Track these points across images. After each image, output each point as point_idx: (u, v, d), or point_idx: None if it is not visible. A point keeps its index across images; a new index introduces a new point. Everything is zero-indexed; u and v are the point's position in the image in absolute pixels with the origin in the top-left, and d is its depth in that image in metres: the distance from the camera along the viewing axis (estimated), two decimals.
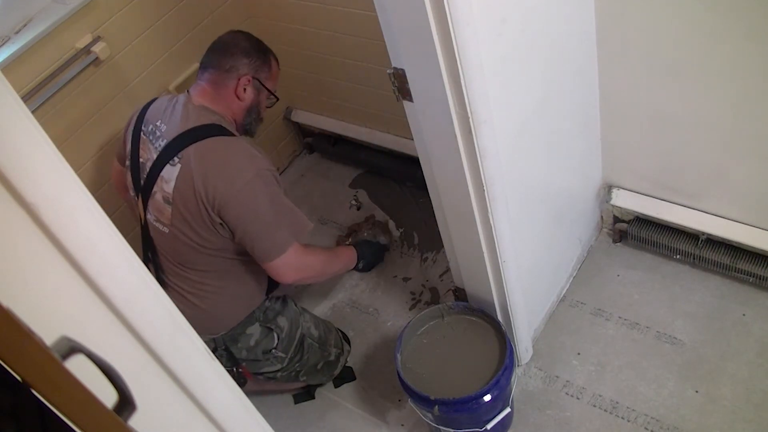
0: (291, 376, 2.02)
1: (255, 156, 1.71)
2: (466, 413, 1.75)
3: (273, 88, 1.90)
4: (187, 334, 0.85)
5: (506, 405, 1.83)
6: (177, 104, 1.79)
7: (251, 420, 1.00)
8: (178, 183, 1.69)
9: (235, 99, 1.80)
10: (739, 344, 1.97)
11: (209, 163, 1.67)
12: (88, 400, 0.58)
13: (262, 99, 1.87)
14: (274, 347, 1.91)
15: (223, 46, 1.83)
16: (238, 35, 1.85)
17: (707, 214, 2.02)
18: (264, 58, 1.84)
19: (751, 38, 1.56)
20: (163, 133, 1.76)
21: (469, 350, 1.83)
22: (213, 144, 1.70)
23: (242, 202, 1.66)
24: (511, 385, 1.83)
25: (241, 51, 1.80)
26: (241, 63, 1.79)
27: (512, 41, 1.48)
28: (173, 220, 1.73)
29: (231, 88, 1.79)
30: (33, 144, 0.61)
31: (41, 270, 0.64)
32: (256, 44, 1.85)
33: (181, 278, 1.80)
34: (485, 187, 1.53)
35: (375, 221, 2.58)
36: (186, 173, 1.68)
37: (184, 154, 1.69)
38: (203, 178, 1.66)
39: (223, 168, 1.66)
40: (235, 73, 1.79)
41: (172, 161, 1.71)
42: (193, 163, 1.68)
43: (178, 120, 1.75)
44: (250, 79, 1.80)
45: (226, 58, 1.80)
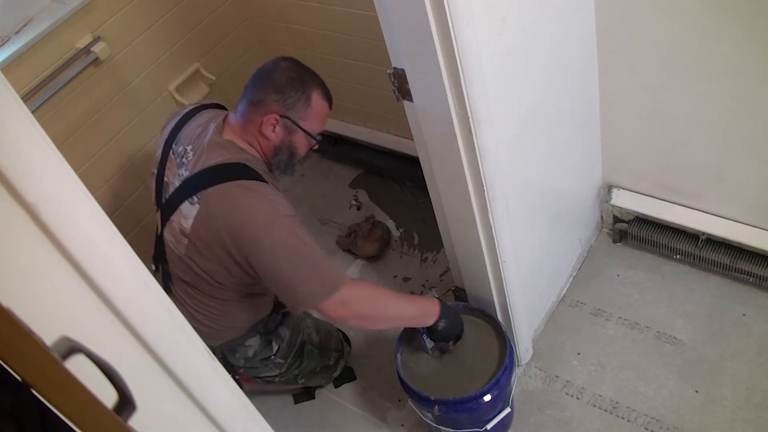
0: (289, 379, 2.02)
1: (278, 203, 1.58)
2: (466, 413, 1.75)
3: (313, 128, 1.71)
4: (187, 334, 0.85)
5: (506, 405, 1.83)
6: (208, 133, 1.68)
7: (251, 420, 1.00)
8: (197, 223, 1.60)
9: (261, 137, 1.66)
10: (739, 344, 1.97)
11: (230, 211, 1.55)
12: (88, 400, 0.58)
13: (296, 140, 1.70)
14: (273, 354, 1.90)
15: (259, 75, 1.68)
16: (278, 64, 1.68)
17: (707, 214, 2.02)
18: (301, 96, 1.65)
19: (751, 38, 1.56)
20: (188, 162, 1.66)
21: (469, 350, 1.82)
22: (234, 189, 1.58)
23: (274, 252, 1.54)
24: (511, 385, 1.83)
25: (274, 85, 1.64)
26: (271, 99, 1.64)
27: (512, 41, 1.48)
28: (189, 252, 1.65)
29: (257, 125, 1.65)
30: (33, 144, 0.61)
31: (41, 270, 0.64)
32: (296, 78, 1.66)
33: (188, 295, 1.74)
34: (485, 187, 1.53)
35: (375, 221, 2.58)
36: (205, 216, 1.59)
37: (204, 195, 1.59)
38: (227, 226, 1.55)
39: (245, 218, 1.55)
40: (262, 109, 1.64)
41: (191, 199, 1.61)
42: (212, 208, 1.58)
43: (204, 153, 1.65)
44: (278, 118, 1.64)
45: (257, 90, 1.66)
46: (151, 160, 1.88)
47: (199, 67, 2.44)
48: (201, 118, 1.76)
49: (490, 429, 1.80)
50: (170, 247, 1.70)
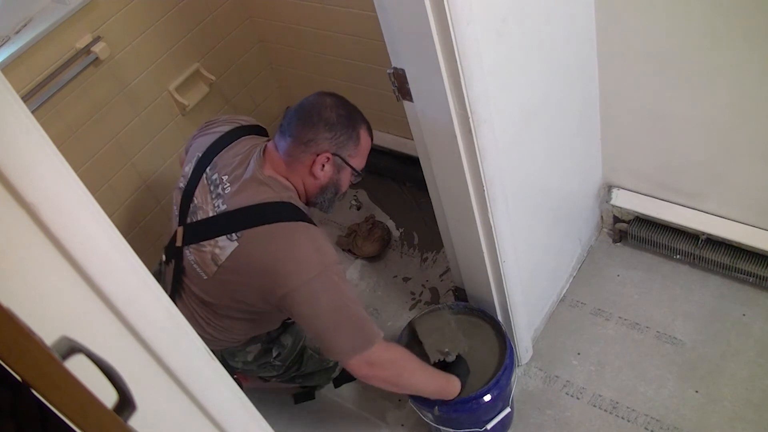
0: (287, 380, 2.02)
1: (322, 249, 1.53)
2: (465, 413, 1.75)
3: (359, 165, 1.67)
4: (187, 334, 0.85)
5: (506, 405, 1.83)
6: (249, 168, 1.62)
7: (251, 420, 1.00)
8: (233, 259, 1.56)
9: (309, 176, 1.61)
10: (739, 344, 1.97)
11: (273, 254, 1.51)
12: (88, 400, 0.58)
13: (343, 177, 1.66)
14: (272, 358, 1.89)
15: (306, 113, 1.60)
16: (325, 100, 1.62)
17: (707, 214, 2.02)
18: (351, 133, 1.62)
19: (751, 38, 1.56)
20: (226, 194, 1.61)
21: (470, 351, 1.82)
22: (278, 232, 1.53)
23: (306, 303, 1.51)
24: (511, 385, 1.83)
25: (325, 123, 1.58)
26: (323, 137, 1.58)
27: (512, 41, 1.48)
28: (216, 277, 1.61)
29: (307, 164, 1.59)
30: (33, 144, 0.61)
31: (41, 270, 0.64)
32: (345, 115, 1.62)
33: (199, 306, 1.71)
34: (485, 187, 1.53)
35: (375, 221, 2.58)
36: (244, 254, 1.55)
37: (245, 235, 1.54)
38: (264, 268, 1.52)
39: (287, 262, 1.50)
40: (314, 149, 1.58)
41: (230, 236, 1.56)
42: (254, 249, 1.54)
43: (245, 188, 1.59)
44: (329, 156, 1.60)
45: (306, 129, 1.58)
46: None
47: (199, 67, 2.43)
48: (240, 146, 1.70)
49: (490, 429, 1.81)
50: (192, 266, 1.66)
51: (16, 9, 1.95)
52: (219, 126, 1.79)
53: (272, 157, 1.63)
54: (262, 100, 2.78)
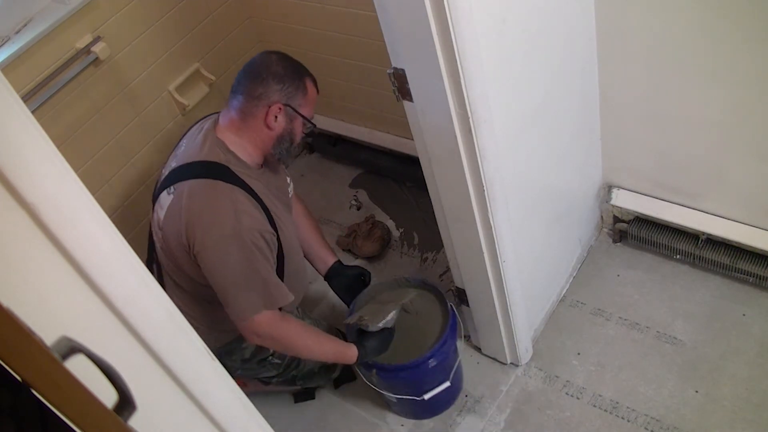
0: (287, 381, 2.02)
1: (243, 212, 1.61)
2: (401, 381, 1.87)
3: (309, 114, 1.75)
4: (187, 334, 0.85)
5: (446, 379, 1.90)
6: (202, 131, 1.73)
7: (251, 420, 1.00)
8: (167, 215, 1.66)
9: (264, 128, 1.69)
10: (739, 344, 1.97)
11: (194, 205, 1.61)
12: (88, 400, 0.58)
13: (295, 126, 1.73)
14: (270, 354, 1.90)
15: (254, 70, 1.69)
16: (270, 57, 1.71)
17: (707, 214, 2.02)
18: (298, 83, 1.70)
19: (751, 38, 1.56)
20: (178, 155, 1.73)
21: (420, 322, 1.91)
22: (205, 186, 1.63)
23: (212, 256, 1.60)
24: (453, 361, 1.92)
25: (273, 76, 1.67)
26: (273, 89, 1.66)
27: (512, 41, 1.48)
28: (163, 244, 1.72)
29: (260, 118, 1.67)
30: (33, 144, 0.61)
31: (41, 270, 0.64)
32: (290, 67, 1.70)
33: (176, 295, 1.77)
34: (485, 187, 1.53)
35: (375, 221, 2.58)
36: (175, 208, 1.64)
37: (178, 188, 1.65)
38: (186, 219, 1.61)
39: (204, 215, 1.60)
40: (265, 101, 1.66)
41: (169, 190, 1.67)
42: (181, 200, 1.63)
43: (192, 148, 1.70)
44: (281, 107, 1.68)
45: (256, 84, 1.67)
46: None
47: (199, 67, 2.44)
48: (204, 122, 1.80)
49: (428, 399, 1.90)
50: (155, 241, 1.76)
51: (16, 9, 1.95)
52: None
53: (225, 120, 1.72)
54: None
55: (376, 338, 1.83)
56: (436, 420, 2.04)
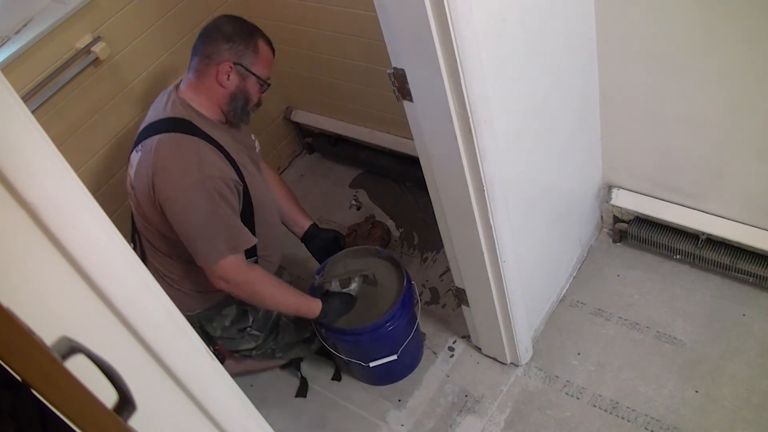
0: (267, 353, 2.07)
1: (205, 162, 1.68)
2: (345, 344, 1.98)
3: (262, 73, 1.81)
4: (187, 334, 0.85)
5: (393, 353, 1.99)
6: (166, 94, 1.81)
7: (251, 420, 1.00)
8: (137, 171, 1.74)
9: (217, 86, 1.76)
10: (739, 344, 1.97)
11: (159, 158, 1.68)
12: (88, 400, 0.58)
13: (249, 85, 1.79)
14: (249, 325, 1.97)
15: (206, 32, 1.78)
16: (222, 19, 1.79)
17: (707, 214, 2.02)
18: (248, 42, 1.76)
19: (751, 38, 1.56)
20: (146, 118, 1.81)
21: (382, 294, 2.00)
22: (169, 139, 1.70)
23: (177, 204, 1.66)
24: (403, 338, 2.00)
25: (223, 36, 1.74)
26: (222, 49, 1.74)
27: (512, 41, 1.48)
28: (136, 205, 1.79)
29: (212, 76, 1.75)
30: (33, 144, 0.61)
31: (41, 270, 0.64)
32: (240, 27, 1.77)
33: (156, 259, 1.86)
34: (485, 187, 1.53)
35: (375, 221, 2.58)
36: (142, 163, 1.71)
37: (146, 144, 1.72)
38: (152, 171, 1.68)
39: (168, 166, 1.67)
40: (216, 60, 1.74)
41: (137, 149, 1.75)
42: (148, 155, 1.70)
43: (157, 110, 1.79)
44: (231, 65, 1.74)
45: (207, 45, 1.75)
46: None
47: None
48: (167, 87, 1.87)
49: (372, 367, 2.01)
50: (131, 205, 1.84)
51: (16, 9, 1.95)
52: None
53: (185, 82, 1.80)
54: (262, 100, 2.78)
55: (338, 299, 1.94)
56: (436, 420, 2.04)
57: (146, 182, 1.69)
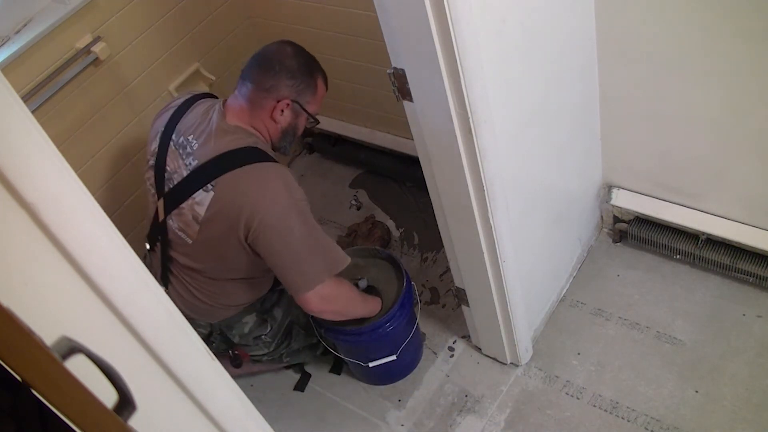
0: (275, 359, 2.10)
1: (291, 185, 1.65)
2: (347, 345, 1.98)
3: (315, 111, 1.78)
4: (187, 334, 0.85)
5: (393, 353, 2.00)
6: (212, 121, 1.71)
7: (251, 420, 1.00)
8: (211, 209, 1.65)
9: (270, 120, 1.71)
10: (739, 344, 1.97)
11: (246, 195, 1.61)
12: (88, 400, 0.58)
13: (300, 122, 1.77)
14: (264, 334, 1.98)
15: (267, 61, 1.69)
16: (285, 49, 1.71)
17: (707, 214, 2.02)
18: (309, 81, 1.72)
19: (751, 38, 1.56)
20: (194, 151, 1.69)
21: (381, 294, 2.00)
22: (249, 173, 1.63)
23: (277, 236, 1.61)
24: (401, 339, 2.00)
25: (286, 71, 1.68)
26: (283, 84, 1.68)
27: (512, 41, 1.48)
28: (201, 237, 1.70)
29: (268, 110, 1.69)
30: (33, 144, 0.61)
31: (41, 270, 0.64)
32: (304, 63, 1.72)
33: (190, 276, 1.81)
34: (485, 187, 1.53)
35: (375, 221, 2.58)
36: (220, 201, 1.64)
37: (219, 182, 1.63)
38: (239, 210, 1.60)
39: (260, 198, 1.60)
40: (274, 95, 1.68)
41: (206, 188, 1.65)
42: (228, 192, 1.62)
43: (212, 140, 1.68)
44: (289, 103, 1.70)
45: (268, 76, 1.67)
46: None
47: (198, 67, 2.43)
48: (198, 108, 1.79)
49: (372, 367, 2.02)
50: (176, 234, 1.75)
51: (16, 9, 1.95)
52: (174, 101, 1.88)
53: (233, 106, 1.72)
54: None
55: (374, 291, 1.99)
56: (436, 420, 2.04)
57: (234, 221, 1.61)
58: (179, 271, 1.82)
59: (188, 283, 1.81)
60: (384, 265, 2.09)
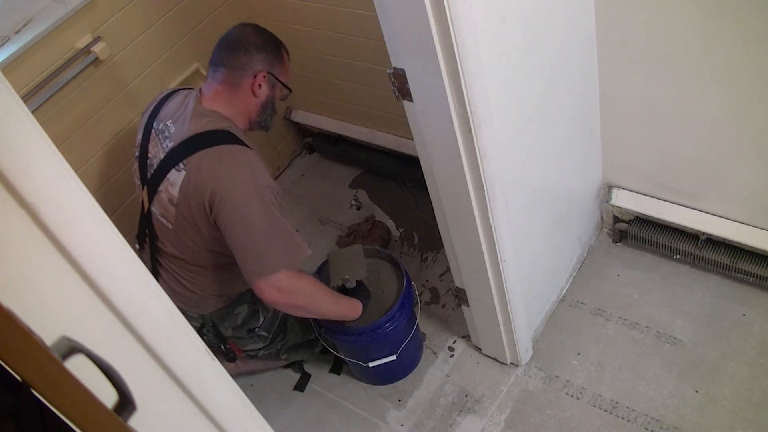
0: (272, 354, 2.08)
1: (258, 171, 1.68)
2: (347, 345, 1.98)
3: (286, 81, 1.85)
4: (187, 334, 0.85)
5: (393, 353, 2.00)
6: (188, 106, 1.77)
7: (251, 420, 1.00)
8: (183, 188, 1.69)
9: (251, 97, 1.77)
10: (739, 344, 1.97)
11: (212, 173, 1.65)
12: (88, 400, 0.58)
13: (276, 93, 1.84)
14: (258, 326, 1.97)
15: (234, 42, 1.77)
16: (247, 29, 1.80)
17: (707, 214, 2.02)
18: (276, 52, 1.80)
19: (750, 38, 1.56)
20: (171, 134, 1.75)
21: (381, 295, 2.00)
22: (218, 153, 1.68)
23: (237, 217, 1.64)
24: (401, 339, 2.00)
25: (255, 47, 1.75)
26: (256, 60, 1.75)
27: (512, 41, 1.48)
28: (177, 219, 1.74)
29: (247, 87, 1.76)
30: (33, 144, 0.61)
31: (41, 270, 0.64)
32: (268, 38, 1.80)
33: (178, 265, 1.84)
34: (485, 187, 1.53)
35: (375, 221, 2.58)
36: (190, 180, 1.68)
37: (189, 161, 1.68)
38: (207, 186, 1.64)
39: (224, 178, 1.64)
40: (250, 71, 1.75)
41: (178, 167, 1.70)
42: (197, 171, 1.67)
43: (187, 123, 1.73)
44: (265, 75, 1.77)
45: (239, 55, 1.75)
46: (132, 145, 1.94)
47: (199, 67, 2.44)
48: (177, 97, 1.86)
49: (372, 367, 2.02)
50: (159, 221, 1.79)
51: (16, 9, 1.95)
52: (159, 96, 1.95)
53: (208, 92, 1.78)
54: None
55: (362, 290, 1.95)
56: (436, 420, 2.04)
57: (200, 198, 1.65)
58: (168, 263, 1.85)
59: (177, 273, 1.84)
60: (384, 265, 2.09)
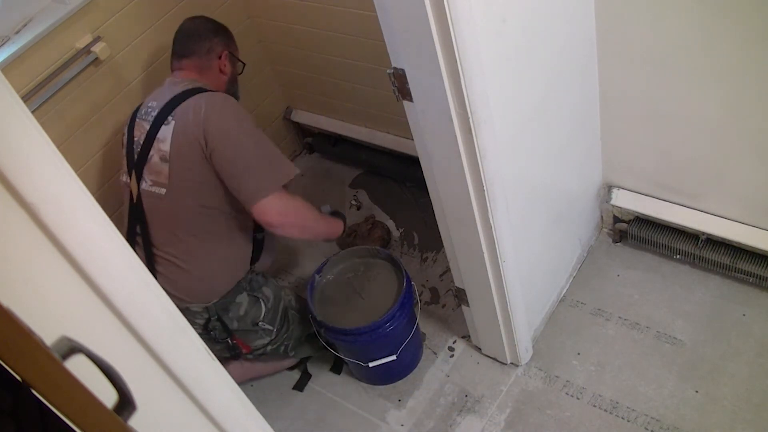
0: (280, 350, 2.09)
1: (239, 107, 1.86)
2: (345, 344, 1.99)
3: (239, 56, 2.10)
4: (187, 333, 0.85)
5: (393, 353, 2.01)
6: (164, 84, 1.94)
7: (251, 420, 1.00)
8: (174, 137, 1.81)
9: (220, 75, 2.00)
10: (739, 344, 1.97)
11: (201, 111, 1.79)
12: (88, 400, 0.58)
13: (237, 68, 2.09)
14: (261, 318, 2.00)
15: (193, 33, 1.98)
16: (199, 19, 2.02)
17: (707, 214, 2.02)
18: (227, 33, 2.04)
19: (750, 38, 1.56)
20: (154, 107, 1.88)
21: (381, 295, 2.02)
22: (203, 97, 1.83)
23: (230, 141, 1.77)
24: (401, 339, 2.01)
25: (211, 32, 1.99)
26: (215, 42, 1.98)
27: (512, 41, 1.48)
28: (171, 177, 1.83)
29: (215, 68, 1.99)
30: (33, 144, 0.61)
31: (41, 270, 0.64)
32: (217, 23, 2.03)
33: (173, 244, 1.87)
34: (485, 187, 1.53)
35: (375, 221, 2.58)
36: (180, 125, 1.81)
37: (176, 111, 1.83)
38: (197, 126, 1.77)
39: (213, 114, 1.78)
40: (214, 53, 1.98)
41: (166, 121, 1.83)
42: (185, 116, 1.80)
43: (166, 92, 1.88)
44: (227, 53, 2.01)
45: (201, 41, 1.96)
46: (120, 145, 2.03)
47: None
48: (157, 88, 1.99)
49: (372, 367, 2.03)
50: (152, 195, 1.87)
51: (16, 9, 1.95)
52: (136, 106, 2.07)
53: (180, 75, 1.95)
54: (262, 100, 2.78)
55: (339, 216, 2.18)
56: (436, 420, 2.04)
57: (195, 138, 1.77)
58: (163, 251, 1.88)
59: (173, 256, 1.87)
60: (384, 265, 2.09)
